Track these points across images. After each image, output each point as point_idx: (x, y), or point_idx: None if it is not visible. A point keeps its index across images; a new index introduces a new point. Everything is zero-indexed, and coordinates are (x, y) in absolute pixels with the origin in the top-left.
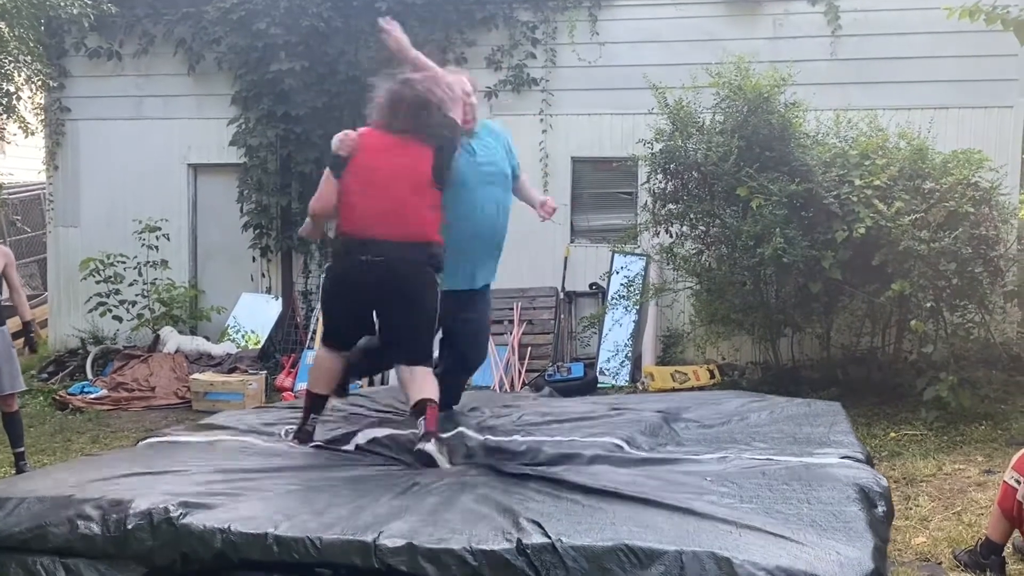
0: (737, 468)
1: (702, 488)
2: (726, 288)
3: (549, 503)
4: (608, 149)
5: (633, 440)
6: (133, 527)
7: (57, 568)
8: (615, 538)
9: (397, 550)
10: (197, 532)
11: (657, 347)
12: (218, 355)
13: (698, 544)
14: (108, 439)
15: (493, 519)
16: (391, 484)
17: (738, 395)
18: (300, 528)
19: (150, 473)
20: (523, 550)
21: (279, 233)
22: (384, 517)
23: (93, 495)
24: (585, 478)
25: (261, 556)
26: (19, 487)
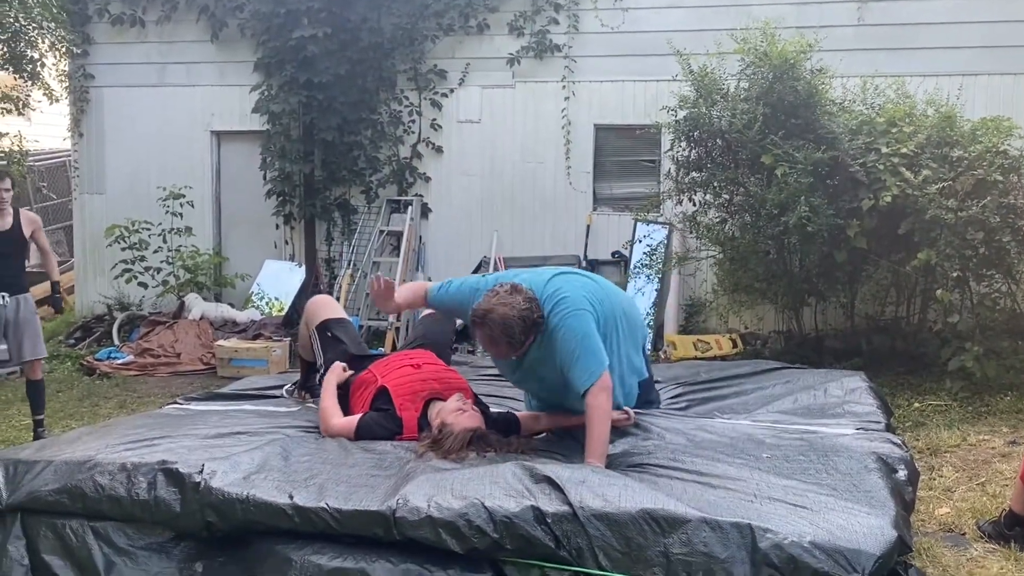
0: (757, 438)
1: (724, 457)
2: (749, 257)
3: (570, 472)
4: (631, 116)
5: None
6: (158, 492)
7: (86, 531)
8: (637, 506)
9: (417, 522)
10: (218, 501)
11: (679, 316)
12: (242, 322)
13: (719, 512)
14: (135, 404)
15: (513, 488)
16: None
17: (759, 364)
18: (320, 498)
19: (174, 438)
20: (543, 519)
21: (302, 200)
22: (403, 487)
23: (119, 459)
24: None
25: (282, 524)
26: (47, 451)
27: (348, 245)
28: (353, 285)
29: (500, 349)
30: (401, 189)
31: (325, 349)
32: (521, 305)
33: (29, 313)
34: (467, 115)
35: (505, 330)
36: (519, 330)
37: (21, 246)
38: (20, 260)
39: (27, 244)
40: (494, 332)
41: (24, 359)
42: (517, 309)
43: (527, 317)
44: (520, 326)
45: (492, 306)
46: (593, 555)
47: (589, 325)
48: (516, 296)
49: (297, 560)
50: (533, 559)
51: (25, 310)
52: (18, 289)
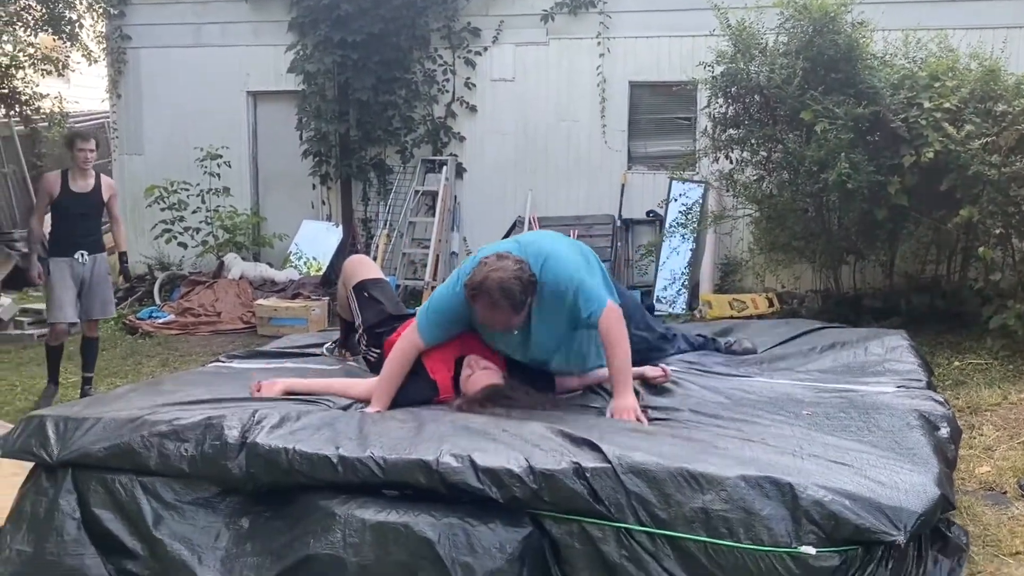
0: (796, 396)
1: (763, 415)
2: (787, 215)
3: (611, 426)
4: (667, 73)
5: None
6: (204, 448)
7: (135, 486)
8: (676, 462)
9: (458, 469)
10: (263, 452)
11: (715, 275)
12: (281, 281)
13: (759, 469)
14: (177, 362)
15: (554, 441)
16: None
17: (796, 322)
18: (363, 448)
19: (219, 395)
20: (582, 472)
21: (338, 160)
22: (446, 438)
23: (166, 416)
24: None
25: (326, 476)
26: (96, 408)
27: (384, 205)
28: (389, 245)
29: (503, 316)
30: (436, 149)
31: (363, 309)
32: (512, 267)
33: (104, 273)
34: (501, 73)
35: (504, 293)
36: (518, 290)
37: (100, 208)
38: (99, 221)
39: (103, 207)
40: (494, 297)
41: (92, 317)
42: (510, 271)
43: (521, 277)
44: (518, 286)
45: (485, 275)
46: (632, 511)
47: (578, 262)
48: (504, 261)
49: (341, 515)
50: (572, 513)
51: (101, 269)
52: (96, 249)
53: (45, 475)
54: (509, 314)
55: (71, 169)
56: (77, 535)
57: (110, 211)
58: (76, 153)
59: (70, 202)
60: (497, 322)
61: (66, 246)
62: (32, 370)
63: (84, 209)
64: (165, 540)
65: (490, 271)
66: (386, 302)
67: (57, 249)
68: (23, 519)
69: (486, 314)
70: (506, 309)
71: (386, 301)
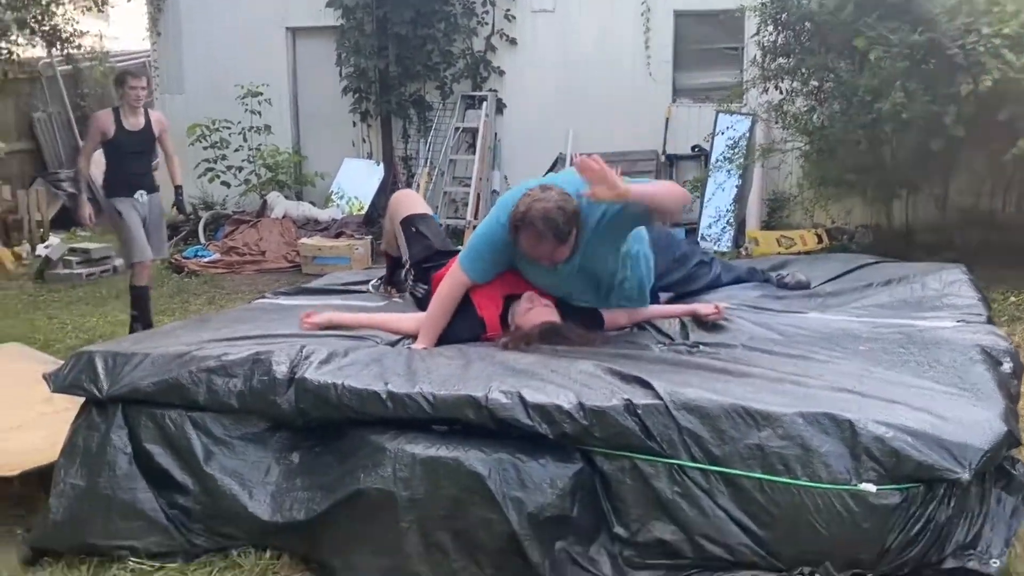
0: (853, 332)
1: (819, 351)
2: (838, 147)
3: (663, 364)
4: (713, 1)
5: (741, 300)
6: (252, 383)
7: (184, 422)
8: (730, 398)
9: (508, 405)
10: (312, 388)
11: (762, 211)
12: (324, 220)
13: (817, 405)
14: (223, 300)
15: (604, 379)
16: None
17: (849, 257)
18: (412, 384)
19: (266, 331)
20: (633, 409)
21: (378, 97)
22: (495, 375)
23: (214, 352)
24: (698, 336)
25: (375, 412)
26: (144, 344)
27: (424, 143)
28: (430, 184)
29: (547, 247)
30: (475, 84)
31: (410, 244)
32: (556, 198)
33: (159, 213)
34: (541, 4)
35: (548, 222)
36: (562, 220)
37: (152, 145)
38: (151, 159)
39: (155, 144)
40: (538, 227)
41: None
42: (554, 201)
43: (565, 207)
44: (562, 216)
45: (528, 206)
46: (685, 447)
47: None
48: (548, 192)
49: (391, 449)
50: (623, 450)
51: (157, 210)
52: (152, 188)
53: (96, 410)
54: (554, 245)
55: (121, 107)
56: (129, 470)
57: (163, 146)
58: (127, 91)
59: (124, 141)
60: (542, 254)
61: (125, 186)
62: (81, 309)
63: (138, 148)
64: (216, 475)
65: (533, 202)
66: (433, 237)
67: (118, 190)
68: (76, 453)
69: (530, 246)
70: (551, 240)
71: (433, 236)
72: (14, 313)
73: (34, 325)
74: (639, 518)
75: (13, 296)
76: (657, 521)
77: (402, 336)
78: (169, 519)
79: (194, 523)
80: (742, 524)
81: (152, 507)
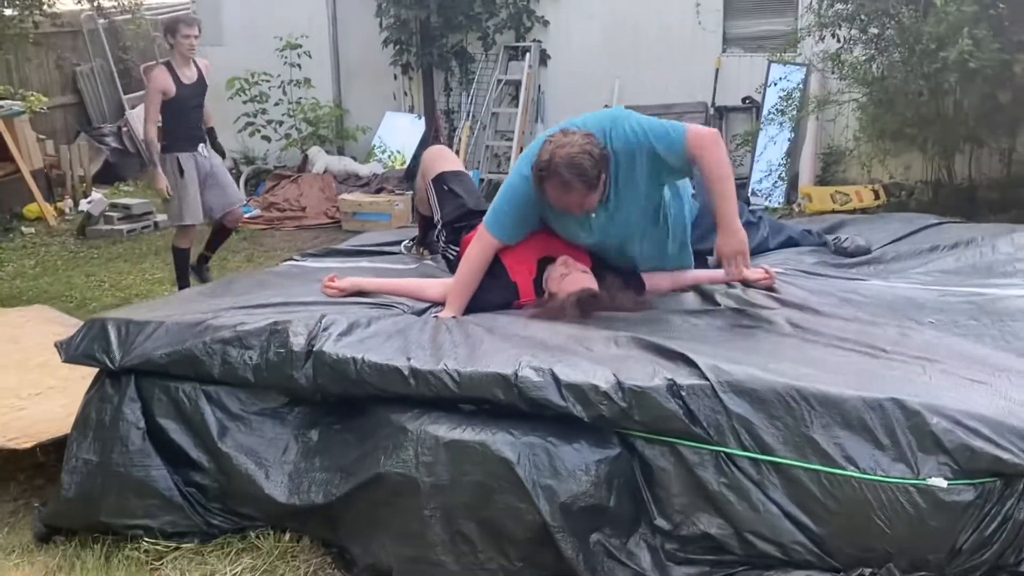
0: (918, 302)
1: (882, 323)
2: (898, 99)
3: (709, 334)
4: None
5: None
6: (269, 355)
7: (198, 395)
8: (784, 379)
9: (539, 383)
10: (331, 362)
11: (816, 166)
12: (365, 175)
13: (881, 389)
14: (262, 257)
15: (644, 356)
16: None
17: (910, 217)
18: (438, 361)
19: (288, 298)
20: (677, 391)
21: (419, 49)
22: (527, 349)
23: (231, 321)
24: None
25: (397, 389)
26: (160, 311)
27: (466, 96)
28: (472, 137)
29: (576, 196)
30: (519, 34)
31: (442, 203)
32: (580, 141)
33: (220, 161)
34: None
35: (574, 168)
36: (589, 164)
37: (204, 95)
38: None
39: None
40: (564, 175)
41: (233, 206)
42: (578, 145)
43: (591, 150)
44: (588, 160)
45: (551, 153)
46: (734, 433)
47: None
48: (571, 136)
49: (413, 430)
50: (665, 435)
51: (216, 159)
52: (206, 139)
53: (109, 381)
54: (583, 192)
55: (173, 59)
56: (142, 445)
57: None
58: (180, 40)
59: (185, 95)
60: (572, 204)
61: (187, 141)
62: (120, 266)
63: (196, 100)
64: (231, 453)
65: (556, 148)
66: (466, 196)
67: (181, 144)
68: (88, 427)
69: (557, 196)
70: (579, 187)
71: (466, 195)
72: (53, 270)
73: (71, 283)
74: (682, 509)
75: (55, 253)
76: (702, 513)
77: (430, 303)
78: (184, 497)
79: (211, 502)
80: (796, 519)
81: (167, 485)
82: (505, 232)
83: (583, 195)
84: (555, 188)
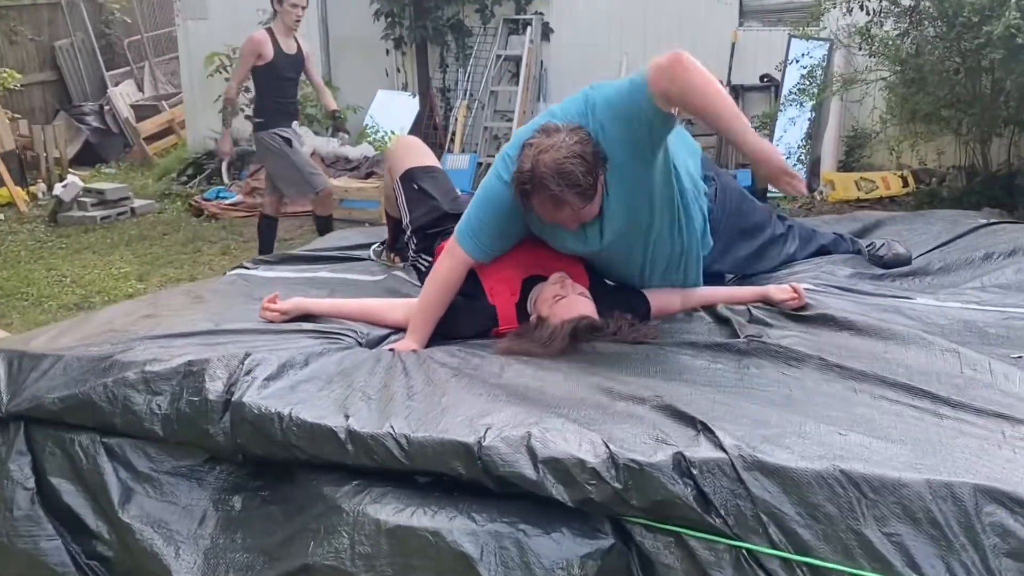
0: (977, 326)
1: (941, 359)
2: (930, 78)
3: (727, 381)
4: None
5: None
6: (180, 405)
7: (98, 450)
8: (824, 454)
9: (509, 458)
10: (252, 417)
11: (839, 150)
12: (355, 158)
13: (951, 469)
14: (238, 250)
15: (646, 417)
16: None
17: (954, 215)
18: (382, 418)
19: (217, 327)
20: (686, 468)
21: (412, 22)
22: (500, 405)
23: (141, 356)
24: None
25: (332, 456)
26: (64, 339)
27: (463, 73)
28: (469, 117)
29: (570, 211)
30: (519, 6)
31: (412, 206)
32: (568, 141)
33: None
34: None
35: (564, 178)
36: (581, 170)
37: (300, 72)
38: None
39: None
40: (552, 189)
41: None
42: (565, 148)
43: (582, 153)
44: (580, 165)
45: (534, 160)
46: (760, 525)
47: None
48: (555, 136)
49: (350, 511)
50: (671, 524)
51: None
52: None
53: None
54: (578, 204)
55: (275, 27)
56: (30, 510)
57: (310, 75)
58: (287, 8)
59: (282, 64)
60: (566, 220)
61: (284, 115)
62: (86, 258)
63: (292, 73)
64: (134, 525)
65: (539, 153)
66: (440, 197)
67: (277, 119)
68: None
69: (548, 213)
70: (573, 200)
71: (440, 196)
72: (14, 262)
73: (30, 278)
74: None
75: (20, 242)
76: None
77: (391, 330)
78: (84, 573)
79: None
80: None
81: (60, 560)
82: (481, 248)
83: (578, 207)
84: (544, 204)
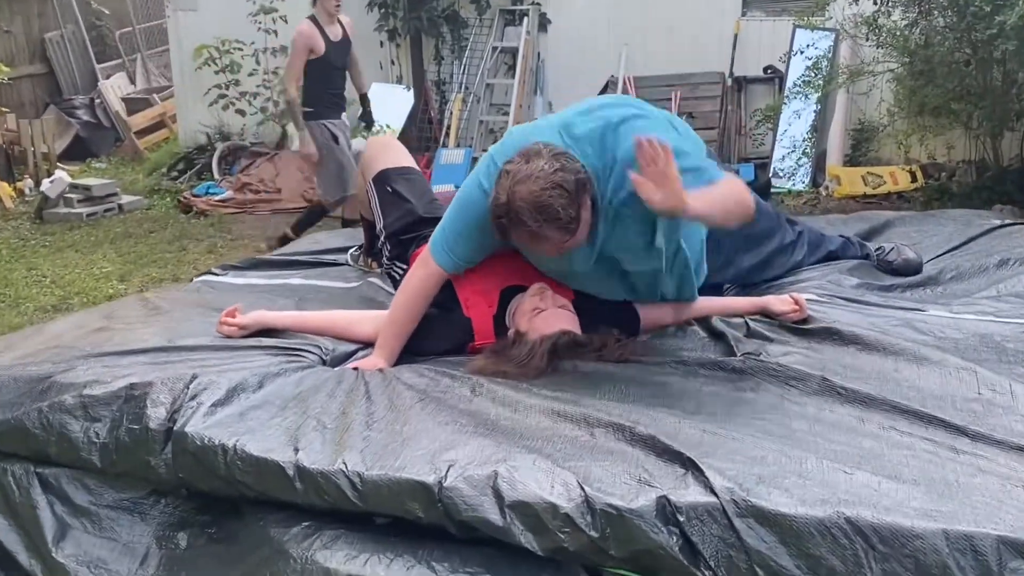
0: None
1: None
2: (939, 69)
3: (717, 410)
4: None
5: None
6: (119, 433)
7: (31, 481)
8: (830, 504)
9: (473, 501)
10: (194, 448)
11: (845, 144)
12: None
13: (970, 514)
14: (225, 248)
15: (627, 452)
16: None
17: (966, 215)
18: (335, 453)
19: (170, 343)
20: (671, 515)
21: (406, 13)
22: (466, 437)
23: (81, 377)
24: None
25: (281, 494)
26: (4, 356)
27: (459, 65)
28: (465, 111)
29: (551, 244)
30: None
31: (385, 210)
32: (547, 170)
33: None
34: None
35: (542, 213)
36: (562, 202)
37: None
38: None
39: None
40: (530, 225)
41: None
42: (544, 177)
43: (563, 181)
44: (561, 196)
45: (509, 192)
46: None
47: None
48: (535, 163)
49: (298, 557)
50: (654, 574)
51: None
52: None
53: None
54: (559, 238)
55: (318, 16)
56: None
57: None
58: None
59: (333, 54)
60: (546, 252)
61: (335, 107)
62: (69, 257)
63: (341, 60)
64: (68, 565)
65: (515, 184)
66: (415, 200)
67: (329, 111)
68: None
69: (526, 246)
70: (553, 234)
71: (415, 198)
72: None
73: (9, 278)
74: None
75: (4, 239)
76: None
77: (360, 345)
78: None
79: None
80: None
81: None
82: (455, 260)
83: (560, 240)
84: (522, 239)
